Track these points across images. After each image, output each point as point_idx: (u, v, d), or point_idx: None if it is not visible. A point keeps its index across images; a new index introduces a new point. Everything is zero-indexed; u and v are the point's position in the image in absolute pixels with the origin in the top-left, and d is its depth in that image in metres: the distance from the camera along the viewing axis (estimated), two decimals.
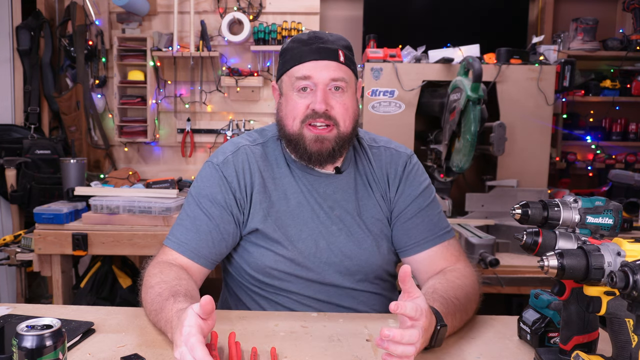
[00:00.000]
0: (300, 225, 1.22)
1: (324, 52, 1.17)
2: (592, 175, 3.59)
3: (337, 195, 1.25)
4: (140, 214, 2.40)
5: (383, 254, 1.27)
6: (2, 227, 3.27)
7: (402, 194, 1.27)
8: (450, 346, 1.01)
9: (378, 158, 1.31)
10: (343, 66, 1.18)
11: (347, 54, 1.21)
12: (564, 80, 2.63)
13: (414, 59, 2.69)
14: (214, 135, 3.35)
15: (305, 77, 1.17)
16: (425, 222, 1.25)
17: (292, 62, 1.19)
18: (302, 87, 1.18)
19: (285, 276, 1.22)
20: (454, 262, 1.24)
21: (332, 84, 1.17)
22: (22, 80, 3.24)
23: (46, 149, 3.05)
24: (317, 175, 1.26)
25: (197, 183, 1.25)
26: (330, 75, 1.16)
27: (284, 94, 1.23)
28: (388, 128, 2.60)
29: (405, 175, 1.29)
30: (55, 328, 0.76)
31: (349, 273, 1.24)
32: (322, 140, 1.17)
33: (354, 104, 1.22)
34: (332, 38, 1.20)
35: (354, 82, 1.23)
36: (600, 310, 0.79)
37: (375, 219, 1.26)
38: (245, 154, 1.24)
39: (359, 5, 3.37)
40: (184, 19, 3.26)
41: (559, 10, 3.55)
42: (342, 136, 1.19)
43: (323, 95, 1.16)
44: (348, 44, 1.24)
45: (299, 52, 1.18)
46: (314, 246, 1.22)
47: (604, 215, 0.88)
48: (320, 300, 1.23)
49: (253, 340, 1.02)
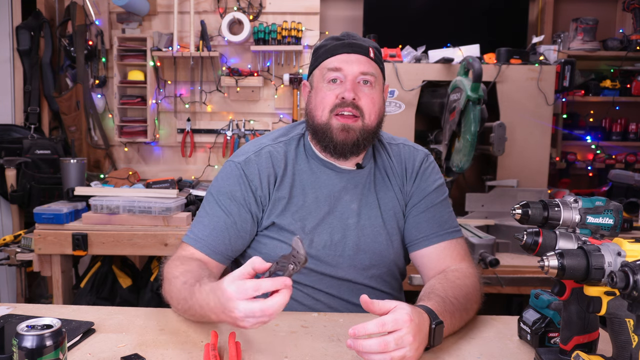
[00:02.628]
0: (317, 219, 1.24)
1: (355, 47, 1.22)
2: (592, 175, 3.59)
3: (356, 189, 1.28)
4: (140, 214, 2.40)
5: (396, 248, 1.29)
6: (2, 227, 3.27)
7: (417, 188, 1.31)
8: (450, 346, 1.01)
9: (397, 154, 1.35)
10: (372, 62, 1.23)
11: (377, 54, 1.26)
12: (564, 80, 2.64)
13: (414, 59, 2.69)
14: (214, 135, 3.35)
15: (337, 68, 1.21)
16: (436, 218, 1.28)
17: (324, 55, 1.24)
18: (332, 79, 1.22)
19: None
20: (459, 261, 1.25)
21: (361, 77, 1.21)
22: (22, 80, 3.24)
23: (46, 149, 3.05)
24: (338, 170, 1.28)
25: (217, 182, 1.27)
26: (360, 68, 1.21)
27: (315, 87, 1.27)
28: (388, 128, 2.55)
29: (421, 170, 1.32)
30: (55, 328, 0.76)
31: (362, 267, 1.26)
32: (347, 129, 1.20)
33: (380, 100, 1.26)
34: (362, 38, 1.27)
35: (381, 80, 1.28)
36: (600, 311, 0.79)
37: (393, 212, 1.29)
38: (268, 153, 1.27)
39: (359, 5, 3.37)
40: (184, 19, 3.26)
41: (559, 10, 3.55)
42: (366, 128, 1.22)
43: (352, 85, 1.20)
44: (378, 46, 1.29)
45: (332, 47, 1.24)
46: (329, 239, 1.24)
47: (604, 215, 0.88)
48: (331, 295, 1.25)
49: (253, 340, 1.02)
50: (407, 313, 0.88)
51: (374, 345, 0.85)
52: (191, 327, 1.08)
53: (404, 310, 0.89)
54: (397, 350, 0.86)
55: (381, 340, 0.85)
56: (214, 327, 1.06)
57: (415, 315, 0.90)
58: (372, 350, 0.85)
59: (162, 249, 2.36)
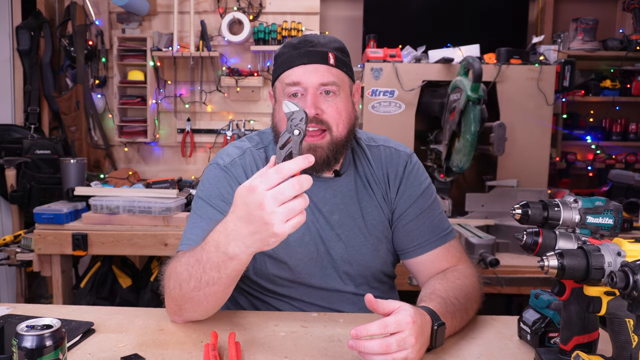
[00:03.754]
0: (302, 230, 1.21)
1: (312, 56, 1.14)
2: (592, 175, 3.59)
3: (337, 198, 1.24)
4: (140, 214, 2.40)
5: (381, 256, 1.26)
6: (2, 227, 3.27)
7: (402, 195, 1.26)
8: (450, 346, 1.01)
9: (377, 157, 1.29)
10: (333, 69, 1.15)
11: (339, 56, 1.17)
12: (564, 80, 2.63)
13: (414, 59, 2.69)
14: (214, 135, 3.35)
15: (295, 83, 1.14)
16: (427, 224, 1.24)
17: (282, 67, 1.17)
18: (292, 93, 1.15)
19: (288, 283, 1.22)
20: (456, 263, 1.23)
21: (322, 88, 1.14)
22: (22, 80, 3.24)
23: (46, 149, 3.05)
24: (315, 179, 1.23)
25: (204, 186, 1.22)
26: (319, 79, 1.13)
27: (277, 100, 1.21)
28: (388, 128, 2.60)
29: (405, 175, 1.27)
30: (55, 328, 0.76)
31: (349, 278, 1.24)
32: (314, 148, 1.14)
33: (348, 107, 1.18)
34: (323, 40, 1.17)
35: (347, 84, 1.20)
36: (600, 311, 0.79)
37: (377, 221, 1.25)
38: (252, 156, 1.24)
39: (359, 5, 3.37)
40: (184, 19, 3.26)
41: (559, 10, 3.55)
42: (335, 141, 1.16)
43: (313, 99, 1.13)
44: (340, 45, 1.20)
45: (289, 57, 1.16)
46: (315, 251, 1.22)
47: (604, 215, 0.88)
48: (321, 307, 1.23)
49: (253, 340, 1.02)
50: (410, 315, 0.88)
51: (376, 347, 0.85)
52: (191, 327, 1.07)
53: (406, 312, 0.88)
54: (399, 352, 0.86)
55: (383, 341, 0.85)
56: (214, 327, 1.06)
57: (417, 316, 0.90)
58: (374, 351, 0.85)
59: (162, 249, 2.36)
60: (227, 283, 0.96)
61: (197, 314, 1.06)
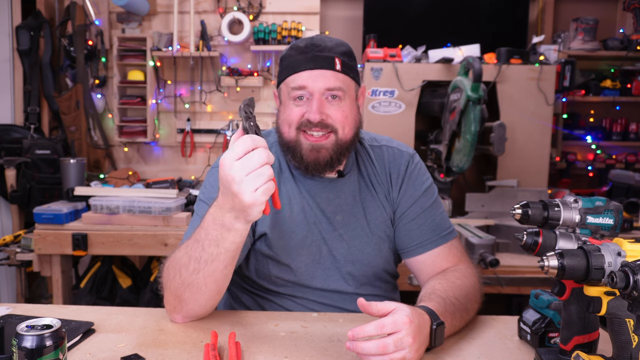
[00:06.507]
0: (304, 232, 1.22)
1: (319, 61, 1.15)
2: (592, 175, 3.59)
3: (340, 199, 1.24)
4: (140, 214, 2.40)
5: (384, 255, 1.27)
6: (2, 227, 3.27)
7: (404, 194, 1.27)
8: (450, 346, 1.01)
9: (380, 157, 1.30)
10: (340, 74, 1.16)
11: (345, 61, 1.18)
12: (564, 80, 2.64)
13: (414, 59, 2.69)
14: (214, 135, 3.35)
15: (300, 87, 1.15)
16: (428, 223, 1.25)
17: (288, 70, 1.18)
18: (298, 96, 1.16)
19: (290, 284, 1.23)
20: (456, 262, 1.24)
21: (327, 93, 1.15)
22: (22, 80, 3.24)
23: (46, 149, 3.05)
24: (319, 180, 1.24)
25: (207, 189, 1.22)
26: (325, 84, 1.14)
27: (282, 102, 1.22)
28: (388, 128, 2.60)
29: (407, 175, 1.28)
30: (55, 328, 0.76)
31: (352, 278, 1.24)
32: (318, 149, 1.16)
33: (353, 111, 1.20)
34: (330, 44, 1.17)
35: (353, 88, 1.20)
36: (600, 311, 0.79)
37: (379, 220, 1.26)
38: None
39: (359, 5, 3.37)
40: (184, 18, 3.26)
41: (559, 10, 3.55)
42: (340, 143, 1.17)
43: (318, 105, 1.14)
44: (347, 49, 1.20)
45: (295, 61, 1.16)
46: (318, 253, 1.22)
47: (604, 215, 0.88)
48: (324, 304, 1.24)
49: (253, 340, 1.02)
50: (407, 315, 0.88)
51: (373, 347, 0.85)
52: (191, 327, 1.07)
53: (403, 312, 0.88)
54: (396, 352, 0.86)
55: (380, 342, 0.85)
56: (214, 327, 1.06)
57: (415, 316, 0.90)
58: (371, 352, 0.85)
59: (162, 249, 2.36)
60: (226, 260, 0.97)
61: (197, 305, 1.05)
